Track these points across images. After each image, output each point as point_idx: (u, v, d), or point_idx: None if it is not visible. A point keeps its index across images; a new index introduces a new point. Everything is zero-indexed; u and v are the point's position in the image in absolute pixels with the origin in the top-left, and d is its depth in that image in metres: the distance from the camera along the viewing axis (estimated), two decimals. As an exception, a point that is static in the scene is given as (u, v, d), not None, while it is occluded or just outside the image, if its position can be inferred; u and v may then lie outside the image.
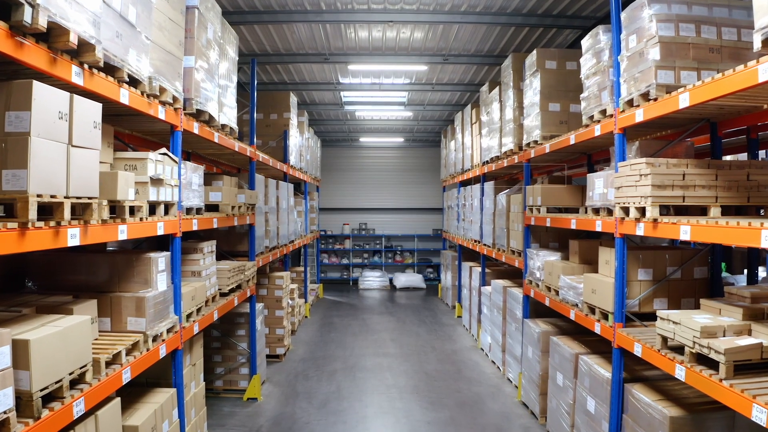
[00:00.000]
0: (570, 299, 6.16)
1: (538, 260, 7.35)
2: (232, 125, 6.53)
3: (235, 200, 6.87)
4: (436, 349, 10.69)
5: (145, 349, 4.25)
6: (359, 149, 20.26)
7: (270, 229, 8.97)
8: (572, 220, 6.07)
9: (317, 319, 13.46)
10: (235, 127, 6.72)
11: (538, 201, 7.22)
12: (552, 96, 7.18)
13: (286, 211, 10.42)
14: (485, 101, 10.32)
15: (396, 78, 11.90)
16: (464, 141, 12.72)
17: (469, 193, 12.15)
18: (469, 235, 12.07)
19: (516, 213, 8.32)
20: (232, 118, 6.61)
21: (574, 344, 6.30)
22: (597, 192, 5.44)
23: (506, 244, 8.86)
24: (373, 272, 19.08)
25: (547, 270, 6.98)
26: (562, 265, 6.60)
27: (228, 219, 6.44)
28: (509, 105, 8.48)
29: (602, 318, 5.39)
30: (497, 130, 9.32)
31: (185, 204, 5.12)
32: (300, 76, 11.80)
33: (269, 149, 10.75)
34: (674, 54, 4.48)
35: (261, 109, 10.90)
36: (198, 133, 5.38)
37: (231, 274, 6.64)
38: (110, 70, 3.73)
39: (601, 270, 5.68)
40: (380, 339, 11.46)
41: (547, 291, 7.01)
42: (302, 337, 11.56)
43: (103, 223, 3.58)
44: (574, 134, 6.07)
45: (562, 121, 7.17)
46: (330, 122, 16.68)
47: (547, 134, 7.10)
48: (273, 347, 9.87)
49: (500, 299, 9.10)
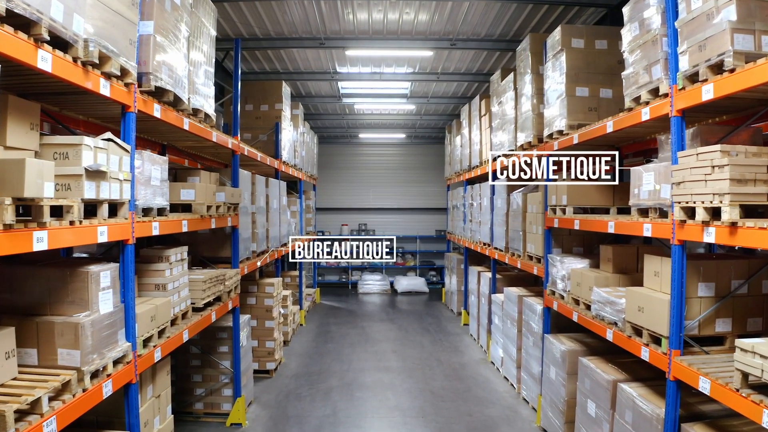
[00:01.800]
0: (606, 316, 5.20)
1: (561, 268, 6.40)
2: (208, 111, 5.58)
3: (213, 199, 5.92)
4: (442, 362, 9.74)
5: (80, 390, 3.30)
6: (358, 146, 19.30)
7: (258, 231, 8.02)
8: (610, 222, 5.11)
9: (313, 327, 12.50)
10: (213, 114, 5.77)
11: (563, 200, 6.26)
12: (579, 79, 6.23)
13: (277, 212, 9.46)
14: (496, 91, 9.36)
15: (398, 66, 10.95)
16: (471, 136, 11.77)
17: (477, 191, 11.20)
18: (477, 237, 11.11)
19: (534, 214, 7.37)
20: (209, 104, 5.66)
21: (609, 368, 5.35)
22: (645, 189, 4.49)
23: (522, 249, 7.90)
24: (373, 275, 18.12)
25: (575, 280, 6.03)
26: (594, 275, 5.64)
27: (202, 221, 5.48)
28: (526, 92, 7.52)
29: (652, 342, 4.44)
30: (511, 122, 8.36)
31: (141, 204, 4.17)
32: (294, 65, 10.85)
33: (260, 144, 9.81)
34: (754, 14, 3.53)
35: (251, 100, 9.98)
36: (161, 117, 4.43)
37: (207, 285, 5.69)
38: (24, 26, 2.79)
39: (647, 283, 4.73)
40: (381, 350, 10.51)
41: (574, 304, 6.06)
42: (296, 348, 10.60)
43: (4, 229, 2.62)
44: (612, 121, 5.11)
45: (591, 108, 6.22)
46: (327, 117, 15.72)
47: (574, 123, 6.15)
48: (262, 362, 8.92)
49: (514, 310, 8.15)
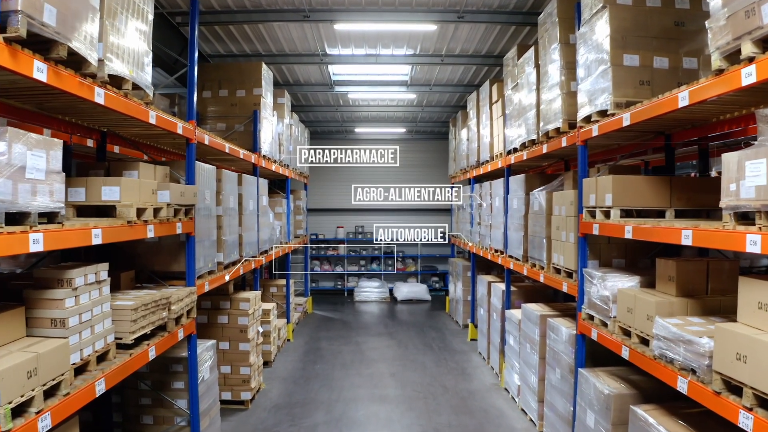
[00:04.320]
0: (677, 359, 3.81)
1: (603, 287, 5.00)
2: (140, 83, 4.20)
3: (154, 199, 4.54)
4: (447, 389, 8.34)
5: None
6: (355, 142, 17.89)
7: (226, 238, 6.63)
8: (684, 231, 3.70)
9: (302, 344, 11.11)
10: (149, 88, 4.39)
11: (607, 200, 4.87)
12: (628, 44, 4.84)
13: (254, 214, 8.08)
14: (511, 72, 7.97)
15: (396, 48, 9.56)
16: (480, 127, 10.38)
17: (487, 190, 9.80)
18: (487, 242, 9.72)
19: (563, 217, 5.98)
20: (143, 75, 4.28)
21: (677, 426, 3.96)
22: (750, 183, 3.08)
23: (546, 259, 6.51)
24: (371, 282, 16.72)
25: (624, 303, 4.64)
26: (654, 300, 4.25)
27: (130, 229, 4.09)
28: (552, 68, 6.13)
29: (759, 406, 3.05)
30: (530, 107, 6.97)
31: (5, 207, 2.78)
32: (277, 45, 9.46)
33: (235, 135, 8.44)
34: None
35: (225, 84, 8.62)
36: (46, 81, 3.04)
37: (141, 313, 4.30)
38: None
39: (746, 318, 3.33)
40: (377, 373, 9.11)
41: (623, 335, 4.67)
42: (279, 370, 9.21)
43: None
44: (687, 90, 3.69)
45: (642, 82, 4.83)
46: (319, 109, 14.32)
47: (622, 100, 4.75)
48: (236, 391, 7.54)
49: (535, 332, 6.76)
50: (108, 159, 5.83)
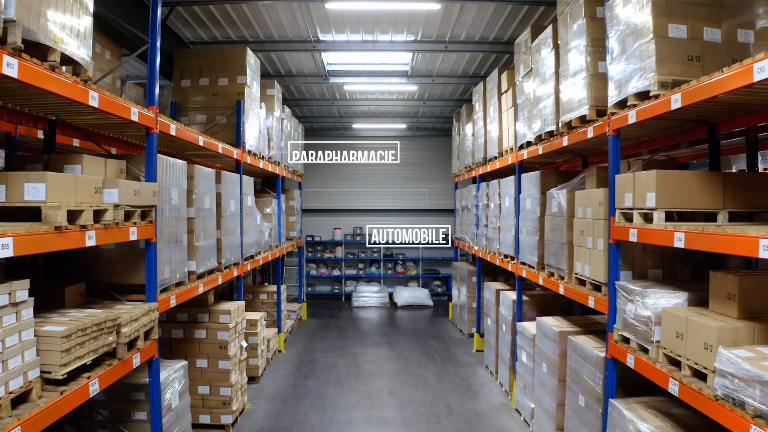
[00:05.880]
0: (749, 402, 2.97)
1: (642, 305, 4.17)
2: (74, 55, 3.38)
3: (97, 199, 3.72)
4: (452, 409, 7.51)
5: None
6: (352, 139, 17.06)
7: (200, 244, 5.80)
8: (763, 240, 2.87)
9: (294, 355, 10.28)
10: (89, 64, 3.57)
11: (649, 200, 4.04)
12: (673, 12, 4.01)
13: (237, 215, 7.26)
14: (523, 57, 7.14)
15: (396, 33, 8.72)
16: (487, 121, 9.55)
17: (495, 189, 8.97)
18: (495, 246, 8.89)
19: (588, 220, 5.15)
20: (78, 44, 3.46)
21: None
22: None
23: (566, 268, 5.68)
24: (370, 286, 15.87)
25: (672, 327, 3.81)
26: (717, 325, 3.41)
27: (57, 237, 3.26)
28: (576, 46, 5.29)
29: None
30: (547, 95, 6.14)
31: None
32: (265, 31, 8.63)
33: (217, 128, 7.63)
34: None
35: (207, 72, 7.81)
36: None
37: (78, 339, 3.48)
38: None
39: None
40: (375, 391, 8.28)
41: (670, 366, 3.84)
42: (267, 387, 8.39)
43: None
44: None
45: (691, 57, 4.00)
46: (314, 103, 13.48)
47: (668, 78, 3.92)
48: (215, 414, 6.71)
49: (553, 350, 5.93)
50: (60, 152, 5.01)
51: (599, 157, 7.66)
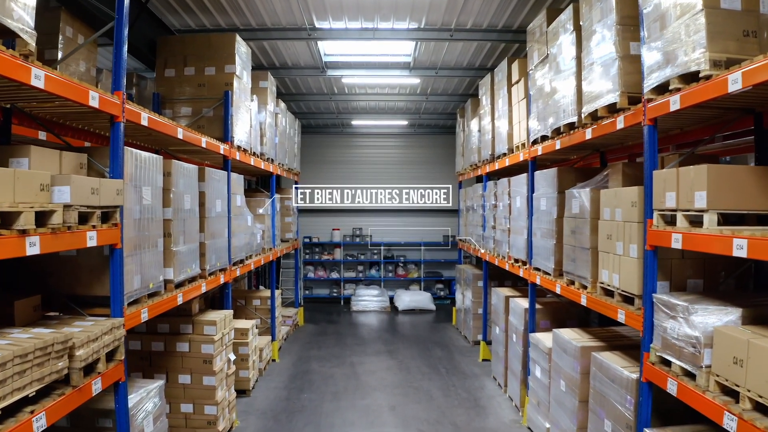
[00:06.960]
0: None
1: (687, 322, 3.56)
2: (7, 23, 2.77)
3: (45, 198, 3.11)
4: (459, 428, 6.90)
5: None
6: (352, 136, 16.48)
7: (179, 248, 5.19)
8: None
9: (288, 365, 9.67)
10: (32, 35, 2.97)
11: (698, 200, 3.43)
12: (727, -21, 3.41)
13: (224, 216, 6.65)
14: (538, 44, 6.52)
15: (398, 20, 8.11)
16: (495, 115, 8.94)
17: (504, 188, 8.36)
18: (504, 250, 8.28)
19: (618, 223, 4.53)
20: (18, 9, 2.86)
21: None
22: None
23: (590, 276, 5.07)
24: (370, 289, 15.26)
25: (727, 350, 3.20)
26: (792, 353, 2.81)
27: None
28: (604, 25, 4.67)
29: None
30: (568, 85, 5.53)
31: None
32: (257, 18, 8.02)
33: (203, 122, 7.03)
34: None
35: (192, 60, 7.21)
36: None
37: (16, 368, 2.87)
38: None
39: None
40: (374, 406, 7.67)
41: (723, 396, 3.23)
42: (259, 402, 7.78)
43: None
44: None
45: (746, 32, 3.39)
46: (311, 98, 12.86)
47: (721, 56, 3.32)
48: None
49: (573, 367, 5.33)
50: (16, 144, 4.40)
51: (618, 153, 7.05)
